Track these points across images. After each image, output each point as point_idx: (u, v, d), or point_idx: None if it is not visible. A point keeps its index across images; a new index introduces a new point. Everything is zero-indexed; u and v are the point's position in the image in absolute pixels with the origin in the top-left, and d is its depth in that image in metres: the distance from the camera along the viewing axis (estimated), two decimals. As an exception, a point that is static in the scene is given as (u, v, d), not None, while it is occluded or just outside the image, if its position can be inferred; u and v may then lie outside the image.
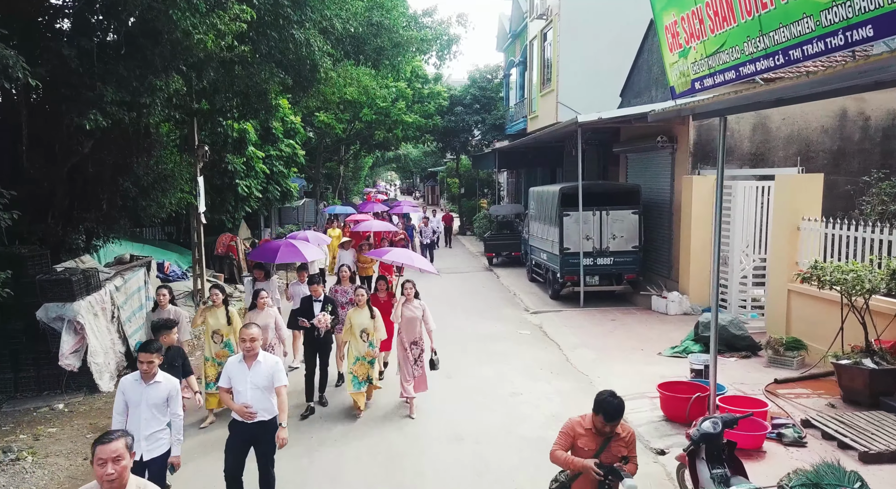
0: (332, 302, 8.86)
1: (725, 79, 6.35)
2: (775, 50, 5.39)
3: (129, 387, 5.43)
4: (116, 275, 10.36)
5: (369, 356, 8.55)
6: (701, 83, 6.91)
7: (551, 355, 11.27)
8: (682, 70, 7.27)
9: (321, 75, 10.87)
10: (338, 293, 9.87)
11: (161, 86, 7.27)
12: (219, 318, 8.45)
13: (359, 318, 8.48)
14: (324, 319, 8.41)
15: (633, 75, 17.93)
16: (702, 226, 13.76)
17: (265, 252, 11.59)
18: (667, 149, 15.12)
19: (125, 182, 10.55)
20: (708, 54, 6.56)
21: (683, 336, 11.76)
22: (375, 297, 9.70)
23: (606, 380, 9.71)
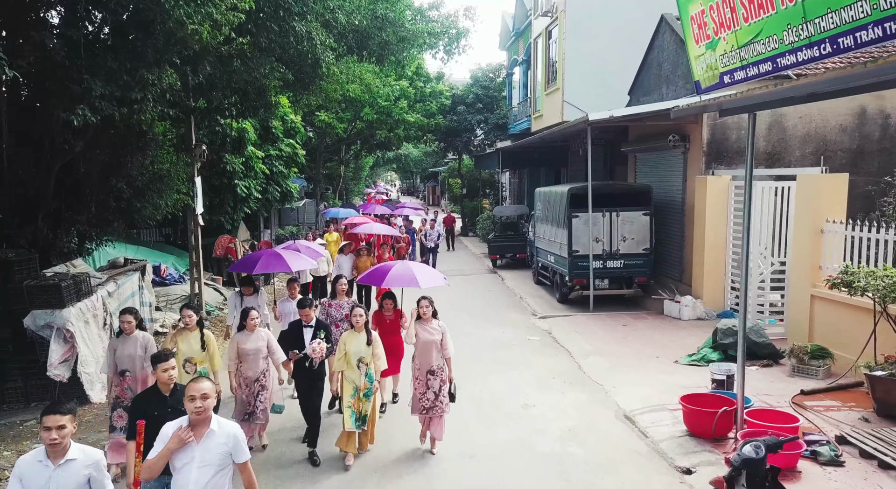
0: (327, 328, 7.46)
1: (760, 71, 5.90)
2: (821, 38, 4.93)
3: (29, 472, 3.81)
4: (109, 280, 9.91)
5: (366, 389, 7.10)
6: (731, 77, 6.46)
7: (563, 363, 10.82)
8: (709, 63, 6.82)
9: (323, 71, 10.40)
10: (332, 308, 8.77)
11: (153, 80, 6.81)
12: (192, 344, 7.16)
13: (355, 344, 7.11)
14: (318, 349, 7.03)
15: (641, 73, 17.49)
16: (716, 228, 13.31)
17: (246, 262, 10.14)
18: (679, 148, 14.66)
19: (118, 182, 10.10)
20: (740, 45, 6.11)
21: (699, 342, 11.31)
22: (380, 316, 8.52)
23: (622, 390, 9.27)
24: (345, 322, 8.38)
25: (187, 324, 7.23)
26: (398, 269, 8.22)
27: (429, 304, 7.42)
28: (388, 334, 8.26)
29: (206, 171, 16.39)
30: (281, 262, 9.55)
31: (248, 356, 7.22)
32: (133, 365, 6.95)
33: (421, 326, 7.36)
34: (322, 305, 8.81)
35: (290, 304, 9.21)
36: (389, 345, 7.69)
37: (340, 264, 14.15)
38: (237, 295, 9.36)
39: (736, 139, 13.72)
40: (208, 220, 17.52)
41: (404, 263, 8.37)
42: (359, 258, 14.39)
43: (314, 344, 7.08)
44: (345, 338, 7.18)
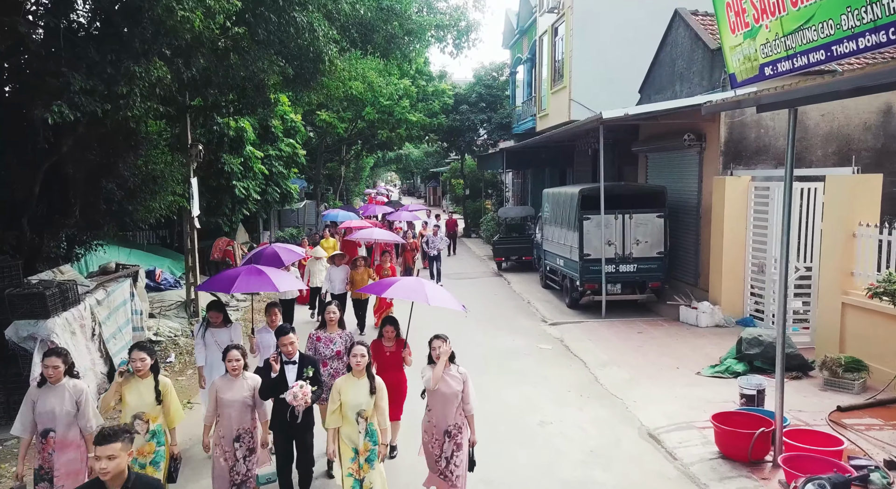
0: (314, 363, 6.03)
1: (810, 61, 5.33)
2: (890, 21, 4.37)
3: None
4: (98, 288, 9.34)
5: (368, 452, 5.53)
6: (773, 68, 5.89)
7: (578, 374, 10.25)
8: (747, 53, 6.26)
9: (325, 66, 9.83)
10: (320, 342, 7.04)
11: (140, 73, 6.24)
12: (143, 394, 5.54)
13: (353, 393, 5.49)
14: (301, 395, 5.50)
15: (653, 70, 16.92)
16: (735, 231, 12.75)
17: (219, 281, 7.78)
18: (694, 147, 14.10)
19: (108, 184, 9.53)
20: (786, 33, 5.54)
21: (721, 352, 10.76)
22: (378, 347, 6.81)
23: (644, 405, 8.70)
24: (336, 360, 6.95)
25: (137, 369, 5.52)
26: (407, 282, 6.74)
27: (442, 344, 5.70)
28: (388, 370, 6.59)
29: (202, 171, 15.83)
30: (264, 281, 7.43)
31: (231, 408, 5.66)
32: (57, 422, 5.31)
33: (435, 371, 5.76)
34: (309, 339, 7.10)
35: (272, 335, 7.36)
36: (389, 383, 5.94)
37: (332, 277, 12.71)
38: (203, 326, 7.47)
39: (755, 138, 13.16)
40: (205, 221, 16.97)
41: (417, 279, 6.76)
42: (354, 270, 12.75)
43: (295, 388, 5.47)
44: (340, 385, 5.55)
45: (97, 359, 9.09)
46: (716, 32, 14.22)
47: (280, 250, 12.18)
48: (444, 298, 6.49)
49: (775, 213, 11.81)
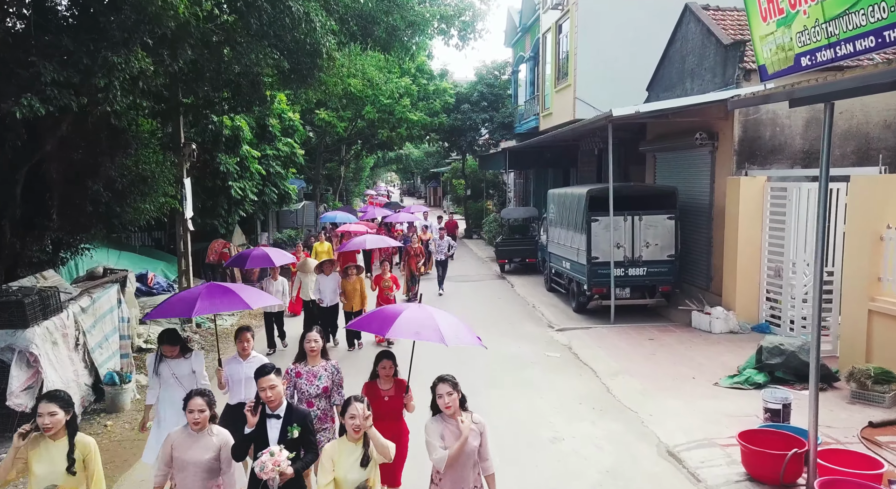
0: (303, 420, 4.58)
1: (857, 49, 4.83)
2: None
3: None
4: (83, 294, 8.84)
5: None
6: (811, 57, 5.39)
7: (589, 385, 9.74)
8: (780, 43, 5.75)
9: (323, 61, 9.35)
10: (301, 378, 5.70)
11: (120, 63, 5.73)
12: (55, 461, 4.25)
13: (349, 464, 4.30)
14: (272, 466, 4.19)
15: (662, 67, 16.42)
16: (749, 233, 12.26)
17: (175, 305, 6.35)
18: (706, 147, 13.61)
19: (95, 185, 9.03)
20: (827, 18, 5.04)
21: (738, 360, 10.27)
22: (373, 390, 5.52)
23: (660, 419, 8.20)
24: (323, 399, 5.72)
25: (48, 427, 4.17)
26: (413, 314, 5.15)
27: (452, 390, 4.50)
28: (385, 419, 5.30)
29: (197, 171, 15.35)
30: (231, 299, 6.18)
31: (189, 472, 4.46)
32: None
33: (446, 426, 4.51)
34: (287, 375, 5.65)
35: (242, 367, 6.10)
36: (387, 433, 4.76)
37: (321, 287, 11.70)
38: (157, 358, 6.16)
39: (770, 136, 12.66)
40: (201, 223, 16.48)
41: (422, 308, 5.33)
42: (346, 279, 11.66)
43: (264, 456, 4.21)
44: (332, 452, 4.33)
45: (81, 370, 8.59)
46: (728, 27, 13.77)
47: (270, 251, 11.57)
48: (461, 335, 5.10)
49: (794, 214, 11.34)
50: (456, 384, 4.56)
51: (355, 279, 11.75)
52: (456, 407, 4.50)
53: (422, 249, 17.31)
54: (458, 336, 5.01)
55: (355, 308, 11.65)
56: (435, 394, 4.55)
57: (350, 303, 11.73)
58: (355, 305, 11.67)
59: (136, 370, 10.06)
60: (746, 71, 12.52)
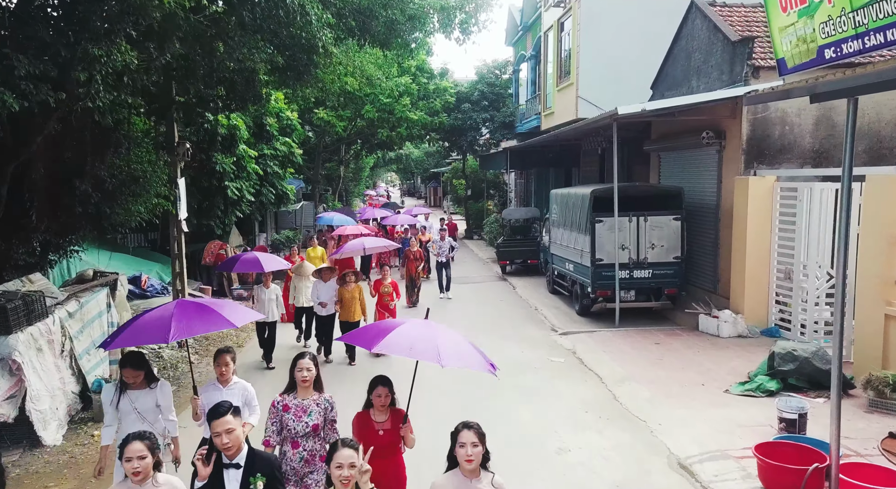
0: (269, 468, 3.89)
1: (888, 39, 4.51)
2: None
3: None
4: (70, 299, 8.52)
5: None
6: (836, 50, 5.07)
7: (595, 392, 9.42)
8: (802, 34, 5.43)
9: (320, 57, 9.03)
10: (288, 412, 4.78)
11: (101, 56, 5.41)
12: None
13: None
14: None
15: (667, 65, 16.10)
16: (758, 235, 11.94)
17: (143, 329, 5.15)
18: (713, 146, 13.29)
19: (83, 185, 8.71)
20: (855, 6, 4.72)
21: (747, 366, 9.96)
22: (365, 421, 4.78)
23: (670, 428, 7.88)
24: (312, 439, 4.78)
25: (137, 472, 3.65)
26: (411, 329, 4.49)
27: (478, 441, 3.78)
28: (380, 457, 4.41)
29: (193, 171, 15.03)
30: (211, 317, 5.25)
31: None
32: None
33: (463, 483, 3.77)
34: (273, 408, 4.83)
35: (222, 394, 5.34)
36: (381, 477, 4.27)
37: (318, 294, 11.09)
38: (117, 388, 5.31)
39: (779, 135, 12.34)
40: (196, 224, 16.16)
41: (427, 324, 4.67)
42: (343, 287, 11.00)
43: None
44: None
45: (68, 377, 8.27)
46: (736, 24, 13.44)
47: (262, 256, 11.10)
48: (465, 356, 4.39)
49: (804, 215, 11.02)
50: (483, 435, 3.82)
51: (354, 287, 11.03)
52: (478, 463, 3.77)
53: (421, 253, 16.60)
54: (460, 357, 4.33)
55: (354, 318, 10.91)
56: (455, 443, 3.78)
57: (348, 313, 10.91)
58: (354, 315, 10.92)
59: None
60: (755, 68, 12.20)
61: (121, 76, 5.96)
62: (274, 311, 10.86)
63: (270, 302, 10.80)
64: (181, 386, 10.03)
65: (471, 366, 4.42)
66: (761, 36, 12.86)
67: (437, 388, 9.36)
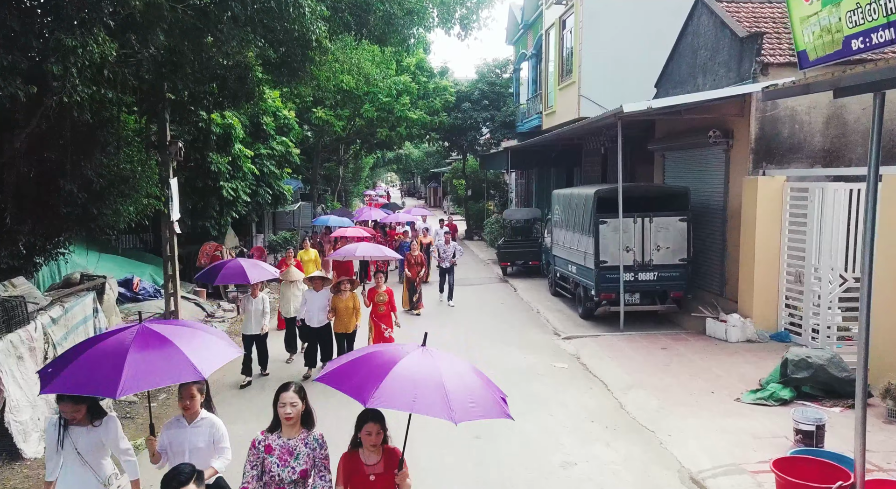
0: None
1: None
2: None
3: None
4: (54, 304, 8.17)
5: None
6: (865, 40, 4.73)
7: (600, 400, 9.07)
8: (826, 24, 5.08)
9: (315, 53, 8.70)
10: (272, 454, 4.19)
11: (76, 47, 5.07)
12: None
13: None
14: None
15: (672, 62, 15.75)
16: (767, 236, 11.59)
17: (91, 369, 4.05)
18: (720, 145, 12.94)
19: (68, 185, 8.37)
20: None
21: (758, 372, 9.62)
22: (354, 464, 4.15)
23: (680, 440, 7.54)
24: (300, 487, 4.21)
25: None
26: (409, 366, 3.77)
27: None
28: None
29: (187, 171, 14.69)
30: (173, 360, 4.17)
31: None
32: None
33: None
34: (253, 448, 4.23)
35: (187, 433, 4.69)
36: None
37: (309, 305, 10.19)
38: (59, 423, 4.51)
39: (789, 134, 11.99)
40: (191, 225, 15.83)
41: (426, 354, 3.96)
42: (338, 296, 10.10)
43: None
44: None
45: (52, 386, 7.91)
46: (743, 19, 13.09)
47: (247, 263, 10.14)
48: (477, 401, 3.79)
49: (816, 216, 10.67)
50: None
51: (349, 296, 10.16)
52: None
53: (422, 257, 15.70)
54: (473, 402, 3.69)
55: (349, 328, 10.20)
56: None
57: (343, 324, 10.13)
58: (350, 326, 10.18)
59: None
60: (764, 65, 11.86)
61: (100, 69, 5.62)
62: (262, 323, 9.96)
63: (257, 312, 9.95)
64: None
65: (486, 416, 3.80)
66: (770, 32, 12.53)
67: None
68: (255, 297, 9.96)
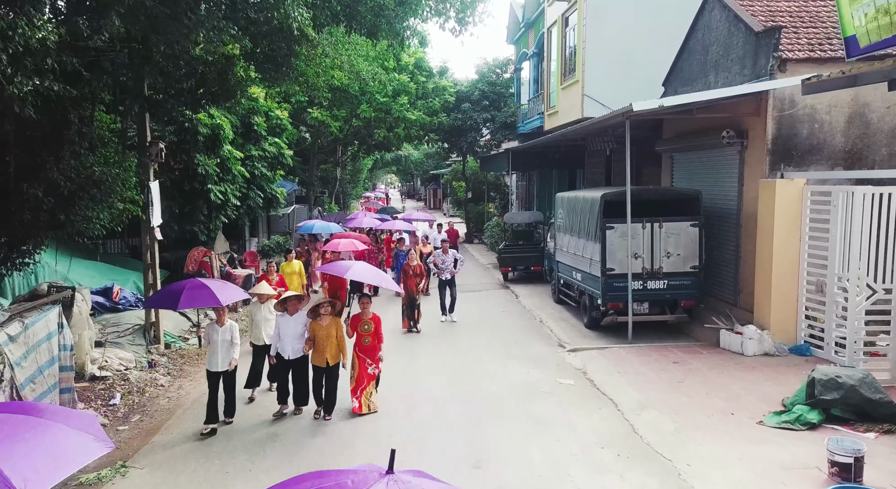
0: None
1: None
2: None
3: None
4: (12, 320, 7.45)
5: None
6: (933, 21, 4.01)
7: (611, 422, 8.35)
8: (882, 5, 4.36)
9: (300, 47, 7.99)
10: None
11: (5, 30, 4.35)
12: None
13: None
14: None
15: (681, 60, 15.05)
16: (786, 243, 10.90)
17: None
18: (734, 145, 12.24)
19: (31, 188, 7.68)
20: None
21: (780, 390, 8.93)
22: None
23: (701, 471, 6.84)
24: None
25: None
26: None
27: None
28: None
29: (172, 174, 14.01)
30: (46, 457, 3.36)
31: None
32: None
33: None
34: None
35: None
36: None
37: (282, 332, 8.53)
38: None
39: (808, 134, 11.29)
40: (178, 230, 15.13)
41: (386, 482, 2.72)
42: (316, 321, 8.46)
43: None
44: None
45: (9, 410, 7.20)
46: (758, 13, 12.37)
47: (213, 283, 8.54)
48: None
49: (839, 222, 9.96)
50: None
51: (330, 322, 8.49)
52: None
53: (421, 267, 13.95)
54: None
55: (330, 361, 8.51)
56: None
57: (321, 355, 8.45)
58: (331, 357, 8.50)
59: (84, 405, 8.70)
60: (782, 61, 11.15)
61: (44, 56, 4.92)
62: (230, 357, 8.20)
63: (225, 344, 8.18)
64: (146, 412, 8.99)
65: None
66: (787, 26, 11.83)
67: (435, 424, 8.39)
68: (221, 325, 8.20)
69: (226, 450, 7.74)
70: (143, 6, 5.39)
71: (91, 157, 9.13)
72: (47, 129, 7.64)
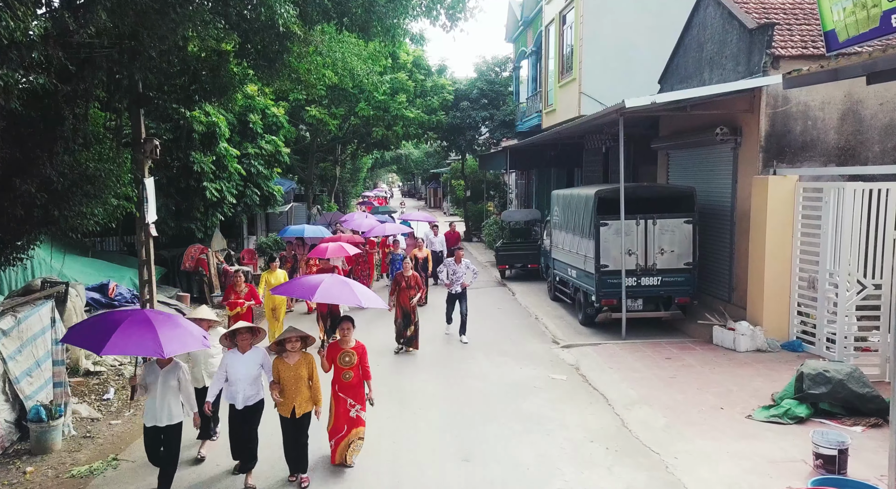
0: None
1: None
2: None
3: None
4: (5, 314, 7.50)
5: None
6: (909, 15, 4.04)
7: (602, 418, 8.38)
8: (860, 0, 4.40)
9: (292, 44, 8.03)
10: None
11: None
12: None
13: None
14: None
15: (676, 57, 15.08)
16: (779, 239, 10.93)
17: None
18: (728, 143, 12.27)
19: (24, 184, 7.71)
20: (939, -43, 3.70)
21: (770, 385, 8.98)
22: None
23: (689, 464, 6.87)
24: None
25: None
26: None
27: None
28: None
29: (168, 171, 14.05)
30: None
31: None
32: None
33: None
34: None
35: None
36: None
37: (232, 374, 6.48)
38: None
39: (801, 131, 11.32)
40: (175, 227, 15.17)
41: None
42: (282, 358, 6.56)
43: None
44: None
45: (2, 404, 7.26)
46: (752, 10, 12.40)
47: (163, 328, 5.66)
48: None
49: (830, 218, 9.99)
50: None
51: (299, 359, 6.57)
52: None
53: (417, 278, 11.77)
54: None
55: (298, 411, 6.56)
56: None
57: (287, 404, 6.52)
58: (298, 406, 6.55)
59: (78, 399, 8.74)
60: (775, 57, 11.18)
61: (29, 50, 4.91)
62: (172, 408, 6.23)
63: (170, 391, 6.21)
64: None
65: None
66: (780, 23, 11.86)
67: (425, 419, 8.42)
68: (163, 367, 6.26)
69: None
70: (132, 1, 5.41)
71: (85, 154, 9.16)
72: (40, 125, 7.67)
